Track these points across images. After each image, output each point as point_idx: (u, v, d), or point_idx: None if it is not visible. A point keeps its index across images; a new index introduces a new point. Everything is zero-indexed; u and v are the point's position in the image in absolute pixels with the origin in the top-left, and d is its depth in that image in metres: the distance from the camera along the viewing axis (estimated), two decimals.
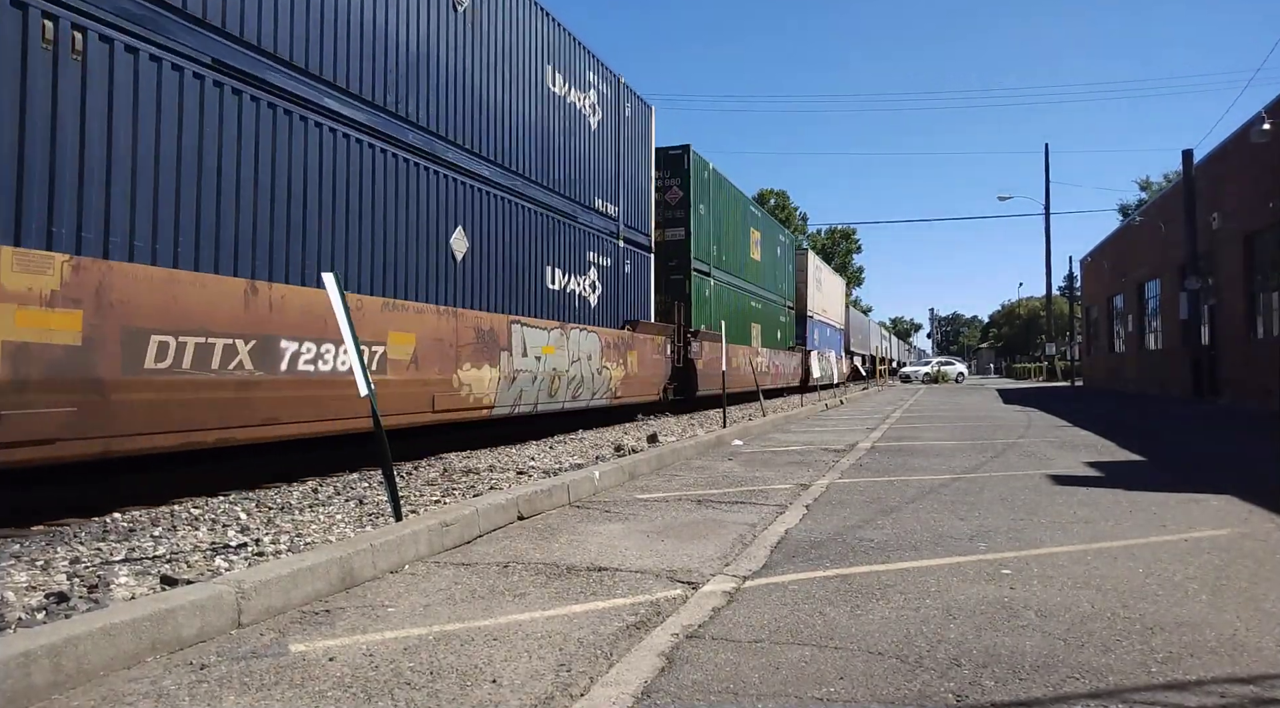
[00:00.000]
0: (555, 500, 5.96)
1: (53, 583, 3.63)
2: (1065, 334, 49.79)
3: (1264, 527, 4.96)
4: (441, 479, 6.90)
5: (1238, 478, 6.93)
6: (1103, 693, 2.52)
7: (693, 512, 5.79)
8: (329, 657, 2.92)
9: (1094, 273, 35.86)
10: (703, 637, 3.10)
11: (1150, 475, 7.35)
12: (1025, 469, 7.80)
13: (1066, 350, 47.45)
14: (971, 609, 3.39)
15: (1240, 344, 18.34)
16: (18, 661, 2.50)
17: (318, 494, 6.21)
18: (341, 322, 4.87)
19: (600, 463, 7.68)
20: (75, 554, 4.23)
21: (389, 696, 2.57)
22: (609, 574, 4.07)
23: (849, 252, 75.33)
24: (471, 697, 2.57)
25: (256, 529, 4.83)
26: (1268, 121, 16.00)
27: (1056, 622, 3.22)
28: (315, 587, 3.64)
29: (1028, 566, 4.11)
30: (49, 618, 3.09)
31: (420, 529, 4.43)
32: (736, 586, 3.81)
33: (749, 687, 2.61)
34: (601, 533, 5.06)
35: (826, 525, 5.20)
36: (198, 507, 5.62)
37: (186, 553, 4.21)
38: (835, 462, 8.68)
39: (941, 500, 6.09)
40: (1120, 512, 5.53)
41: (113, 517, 5.24)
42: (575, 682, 2.69)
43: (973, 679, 2.64)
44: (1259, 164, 17.04)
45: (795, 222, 68.64)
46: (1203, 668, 2.72)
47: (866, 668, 2.76)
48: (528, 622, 3.32)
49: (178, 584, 3.47)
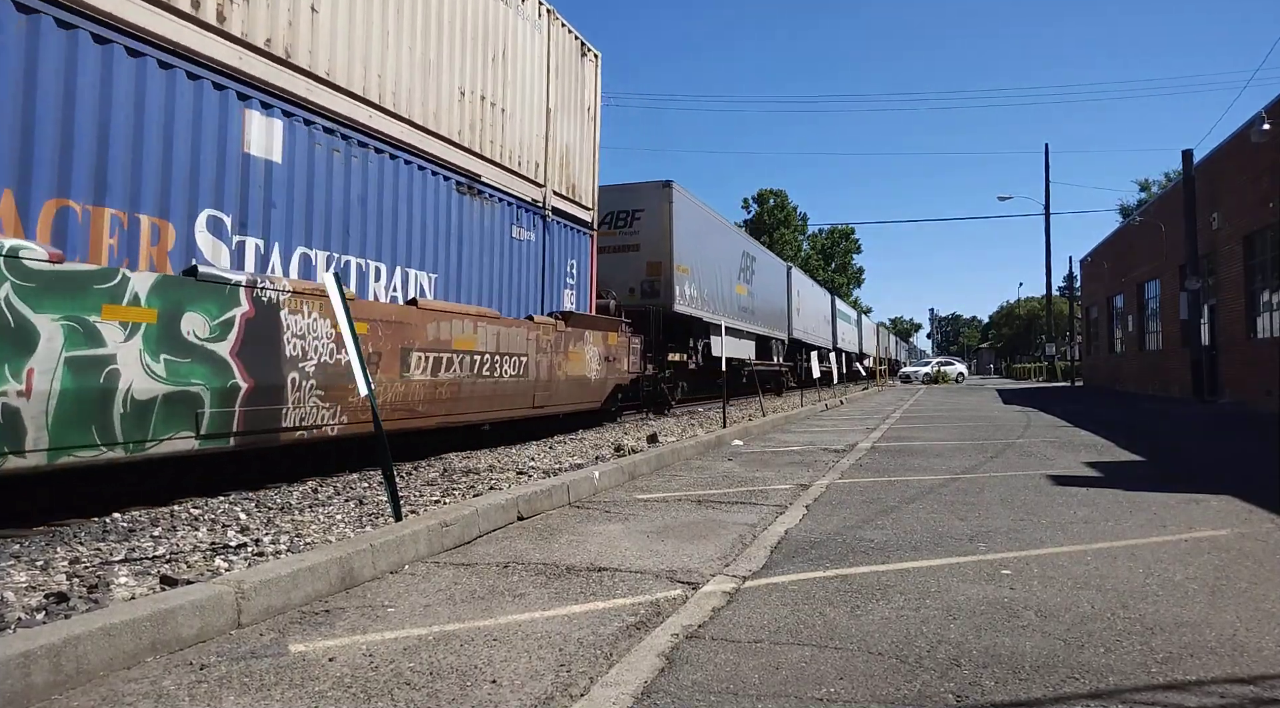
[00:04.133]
0: (555, 501, 5.96)
1: (53, 583, 3.63)
2: (1065, 334, 49.82)
3: (1264, 527, 4.96)
4: (441, 479, 6.90)
5: (1238, 478, 6.93)
6: (1103, 693, 2.52)
7: (693, 512, 5.79)
8: (329, 657, 2.92)
9: (1094, 273, 35.86)
10: (703, 637, 3.10)
11: (1150, 476, 7.35)
12: (1025, 469, 7.80)
13: (1066, 350, 47.51)
14: (971, 610, 3.39)
15: (1240, 344, 18.34)
16: (18, 661, 2.50)
17: (317, 494, 6.21)
18: (341, 321, 4.87)
19: (600, 463, 7.68)
20: (75, 554, 4.22)
21: (389, 696, 2.57)
22: (609, 575, 4.07)
23: (849, 252, 75.36)
24: (471, 697, 2.57)
25: (256, 529, 4.83)
26: (1267, 122, 15.99)
27: (1056, 622, 3.22)
28: (315, 587, 3.64)
29: (1028, 566, 4.11)
30: (49, 618, 3.09)
31: (420, 529, 4.43)
32: (736, 586, 3.81)
33: (749, 687, 2.61)
34: (601, 533, 5.06)
35: (826, 526, 5.20)
36: (198, 507, 5.61)
37: (186, 553, 4.21)
38: (835, 462, 8.68)
39: (941, 501, 6.09)
40: (1120, 512, 5.52)
41: (113, 517, 5.24)
42: (575, 682, 2.69)
43: (973, 680, 2.64)
44: (1259, 164, 17.04)
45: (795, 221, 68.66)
46: (1203, 668, 2.72)
47: (866, 668, 2.76)
48: (527, 622, 3.32)
49: (178, 584, 3.47)
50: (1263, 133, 16.09)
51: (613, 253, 15.68)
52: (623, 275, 15.69)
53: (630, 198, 16.16)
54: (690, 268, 16.82)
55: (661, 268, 15.75)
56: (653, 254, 15.86)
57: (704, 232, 18.38)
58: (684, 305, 16.33)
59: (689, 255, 16.81)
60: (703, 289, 17.79)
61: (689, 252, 16.80)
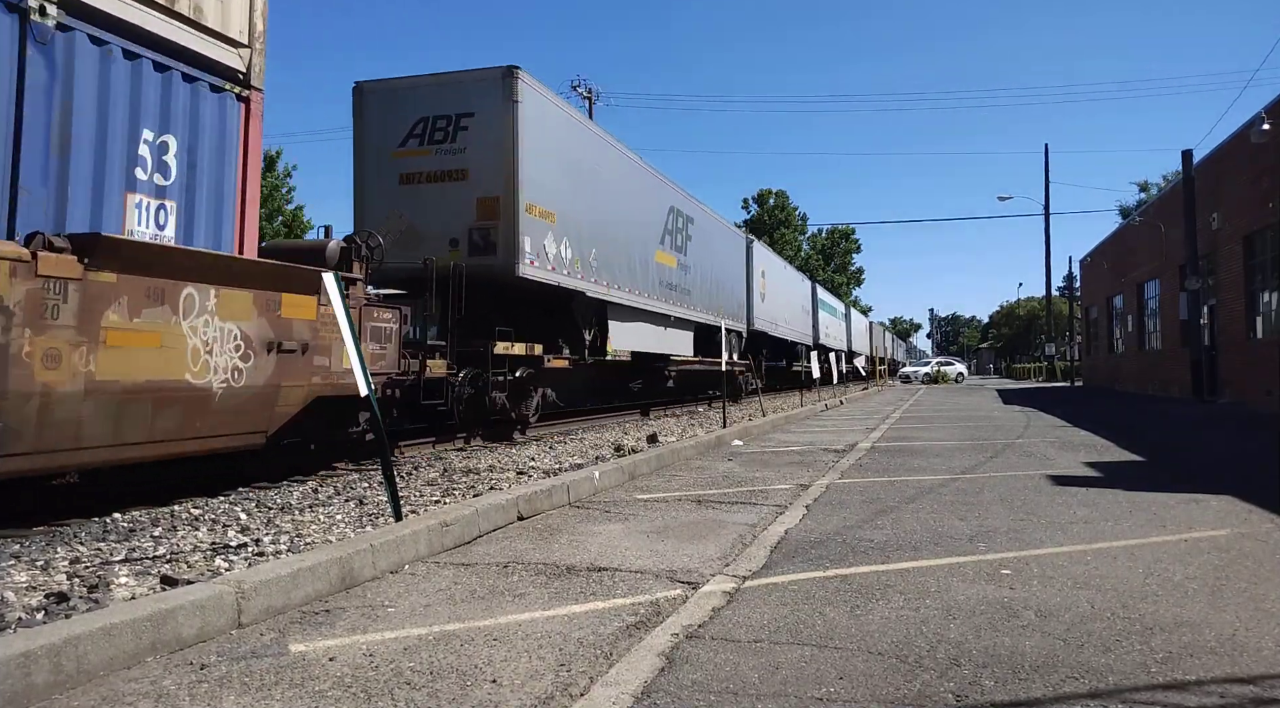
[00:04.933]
0: (555, 501, 5.96)
1: (53, 583, 3.63)
2: (1065, 334, 49.80)
3: (1263, 527, 4.96)
4: (441, 479, 6.90)
5: (1237, 478, 6.93)
6: (1102, 693, 2.52)
7: (693, 512, 5.79)
8: (329, 657, 2.93)
9: (1094, 273, 35.87)
10: (703, 637, 3.10)
11: (1150, 476, 7.35)
12: (1025, 469, 7.80)
13: (1066, 351, 47.51)
14: (971, 609, 3.39)
15: (1240, 344, 18.35)
16: (18, 661, 2.50)
17: (318, 494, 6.21)
18: (342, 322, 4.87)
19: (600, 463, 7.68)
20: (75, 554, 4.23)
21: (389, 696, 2.58)
22: (609, 574, 4.07)
23: (849, 251, 75.32)
24: (471, 697, 2.57)
25: (256, 529, 4.83)
26: (1267, 122, 16.00)
27: (1056, 622, 3.22)
28: (315, 587, 3.64)
29: (1027, 566, 4.11)
30: (49, 618, 3.09)
31: (420, 529, 4.44)
32: (736, 586, 3.82)
33: (749, 687, 2.61)
34: (601, 533, 5.06)
35: (826, 526, 5.20)
36: (198, 507, 5.62)
37: (186, 553, 4.21)
38: (835, 462, 8.68)
39: (941, 501, 6.09)
40: (1120, 512, 5.53)
41: (113, 517, 5.24)
42: (575, 682, 2.69)
43: (972, 679, 2.64)
44: (1258, 165, 17.05)
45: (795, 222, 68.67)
46: (1202, 668, 2.72)
47: (866, 668, 2.76)
48: (528, 622, 3.32)
49: (178, 584, 3.47)
50: (1263, 133, 16.09)
51: (425, 183, 10.54)
52: (443, 218, 10.42)
53: (452, 96, 10.53)
54: (558, 214, 11.35)
55: (499, 207, 10.27)
56: (486, 186, 10.33)
57: (587, 161, 12.53)
58: (541, 269, 10.87)
59: (554, 192, 11.27)
60: (585, 249, 12.28)
61: (554, 187, 11.28)
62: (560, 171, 11.58)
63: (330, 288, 4.92)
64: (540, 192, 10.87)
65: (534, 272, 10.71)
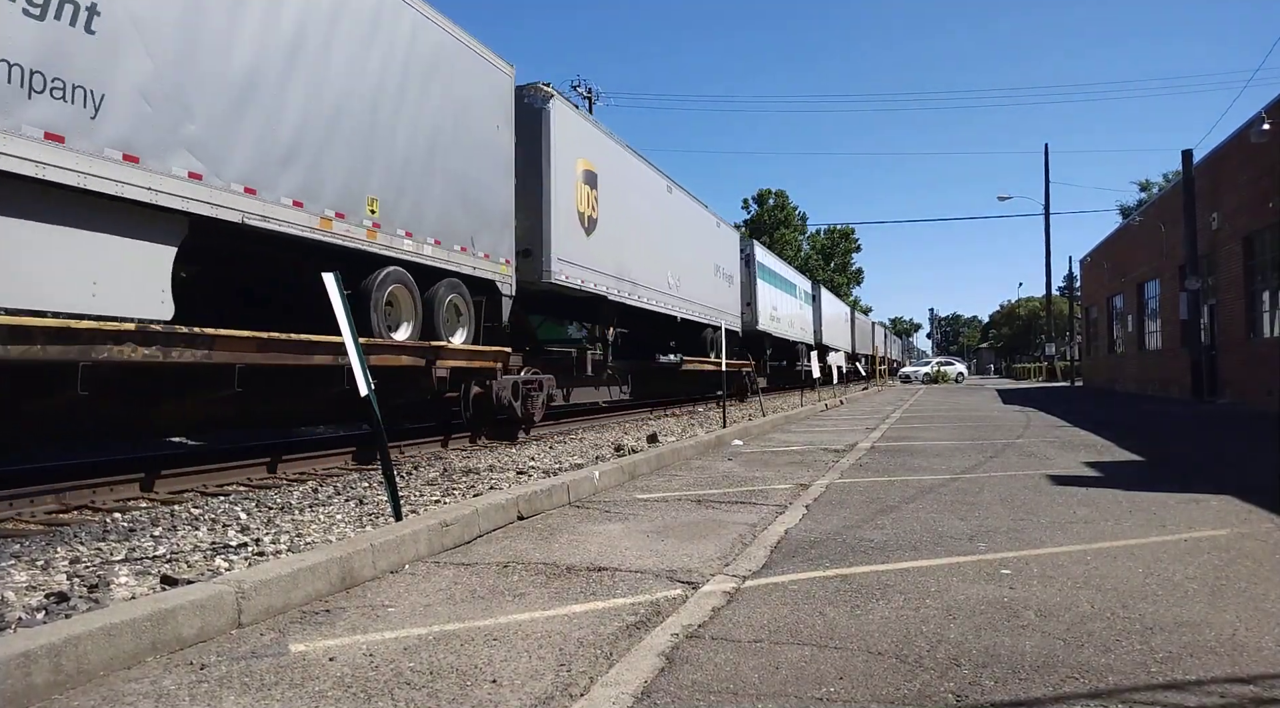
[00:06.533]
0: (555, 500, 5.96)
1: (53, 583, 3.63)
2: (1065, 334, 49.80)
3: (1263, 527, 4.96)
4: (441, 479, 6.90)
5: (1237, 478, 6.93)
6: (1102, 693, 2.52)
7: (693, 512, 5.79)
8: (329, 657, 2.93)
9: (1094, 273, 35.84)
10: (703, 637, 3.10)
11: (1150, 475, 7.35)
12: (1025, 469, 7.80)
13: (1066, 351, 47.51)
14: (971, 609, 3.39)
15: (1240, 344, 18.34)
16: (18, 661, 2.50)
17: (318, 494, 6.21)
18: (342, 322, 4.87)
19: (600, 463, 7.68)
20: (75, 554, 4.23)
21: (389, 696, 2.57)
22: (609, 574, 4.07)
23: (848, 251, 75.31)
24: (471, 697, 2.57)
25: (256, 529, 4.83)
26: (1267, 122, 15.99)
27: (1056, 622, 3.22)
28: (315, 587, 3.64)
29: (1027, 565, 4.11)
30: (49, 618, 3.09)
31: (420, 529, 4.44)
32: (736, 586, 3.81)
33: (749, 687, 2.61)
34: (601, 533, 5.06)
35: (826, 525, 5.20)
36: (198, 507, 5.62)
37: (186, 553, 4.21)
38: (835, 462, 8.68)
39: (941, 500, 6.09)
40: (1120, 512, 5.53)
41: (113, 517, 5.25)
42: (575, 682, 2.69)
43: (972, 679, 2.64)
44: (1258, 164, 17.03)
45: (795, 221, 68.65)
46: (1203, 668, 2.72)
47: (866, 668, 2.76)
48: (528, 622, 3.32)
49: (178, 584, 3.47)
50: (1263, 133, 16.08)
51: None
52: None
53: None
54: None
55: None
56: None
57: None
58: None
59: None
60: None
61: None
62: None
63: (332, 290, 4.91)
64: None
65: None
